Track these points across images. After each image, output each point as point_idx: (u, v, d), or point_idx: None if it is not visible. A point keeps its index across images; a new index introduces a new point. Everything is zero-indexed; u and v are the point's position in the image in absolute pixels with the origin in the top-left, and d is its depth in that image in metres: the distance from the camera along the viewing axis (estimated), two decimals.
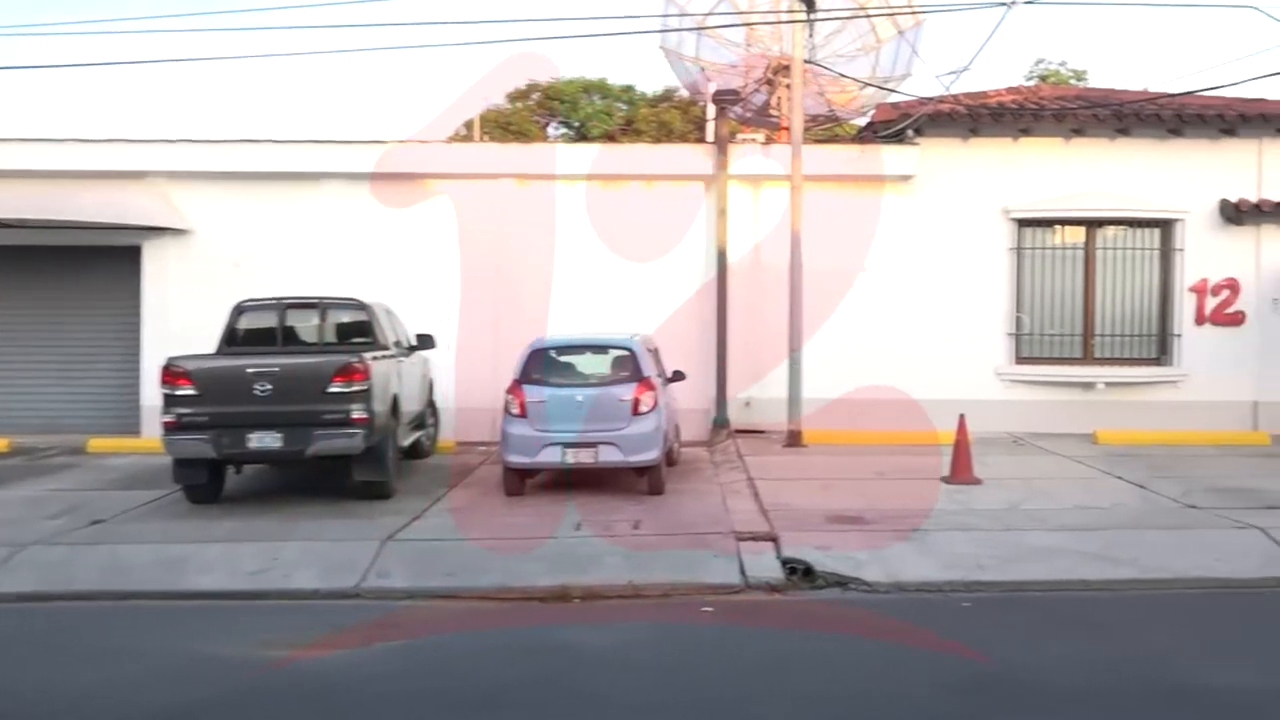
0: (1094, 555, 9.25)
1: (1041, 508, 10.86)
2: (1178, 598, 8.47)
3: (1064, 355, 16.82)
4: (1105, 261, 16.95)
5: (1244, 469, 13.40)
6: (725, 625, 7.92)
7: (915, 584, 8.71)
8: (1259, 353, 16.71)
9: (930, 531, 9.83)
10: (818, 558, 9.15)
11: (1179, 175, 16.69)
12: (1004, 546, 9.46)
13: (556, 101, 36.83)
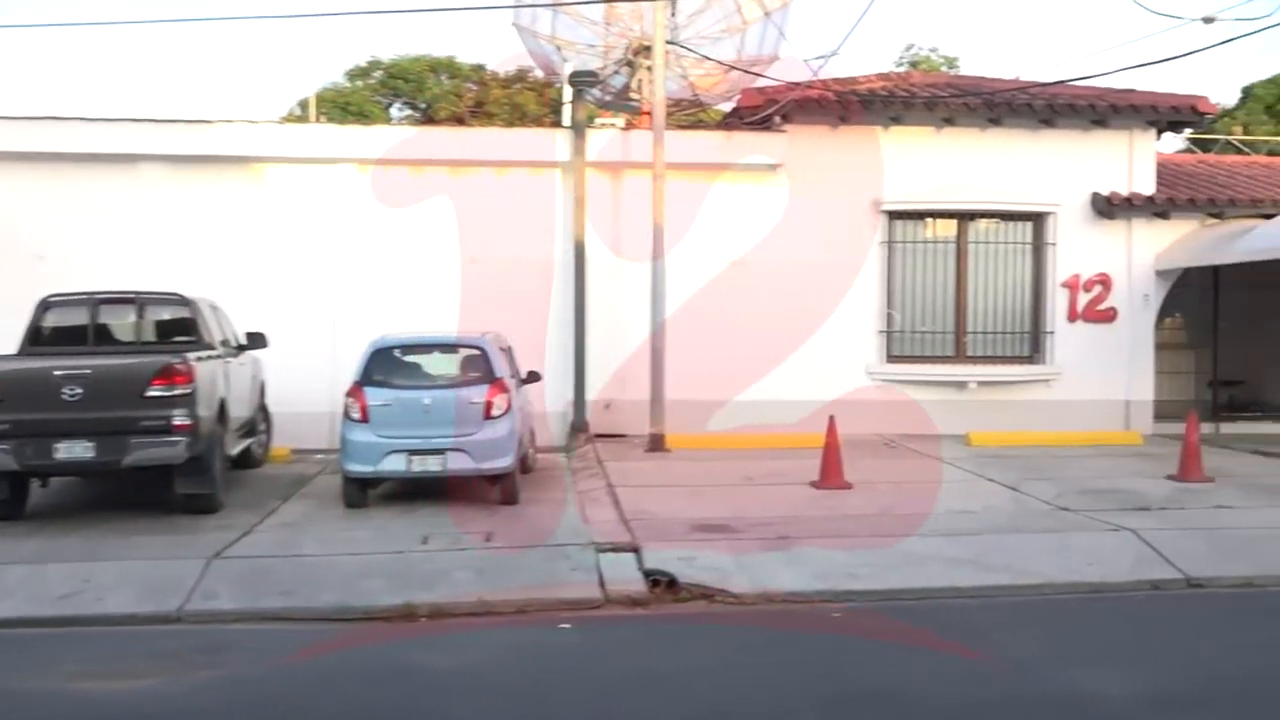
0: (967, 561, 9.52)
1: (913, 512, 11.13)
2: (1050, 603, 8.77)
3: (936, 353, 17.29)
4: (977, 256, 17.47)
5: (1116, 469, 13.94)
6: (584, 642, 7.92)
7: (784, 594, 8.84)
8: (1130, 350, 17.42)
9: (800, 539, 9.99)
10: (682, 569, 9.22)
11: (1051, 167, 17.30)
12: (875, 553, 9.67)
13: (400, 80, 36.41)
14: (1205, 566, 9.55)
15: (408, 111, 36.39)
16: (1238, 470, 14.02)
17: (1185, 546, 9.93)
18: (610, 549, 9.72)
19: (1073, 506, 11.41)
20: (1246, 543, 10.13)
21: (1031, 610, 8.64)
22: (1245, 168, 20.82)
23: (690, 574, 9.14)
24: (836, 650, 7.66)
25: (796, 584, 9.01)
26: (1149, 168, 17.62)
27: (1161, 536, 10.14)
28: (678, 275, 16.18)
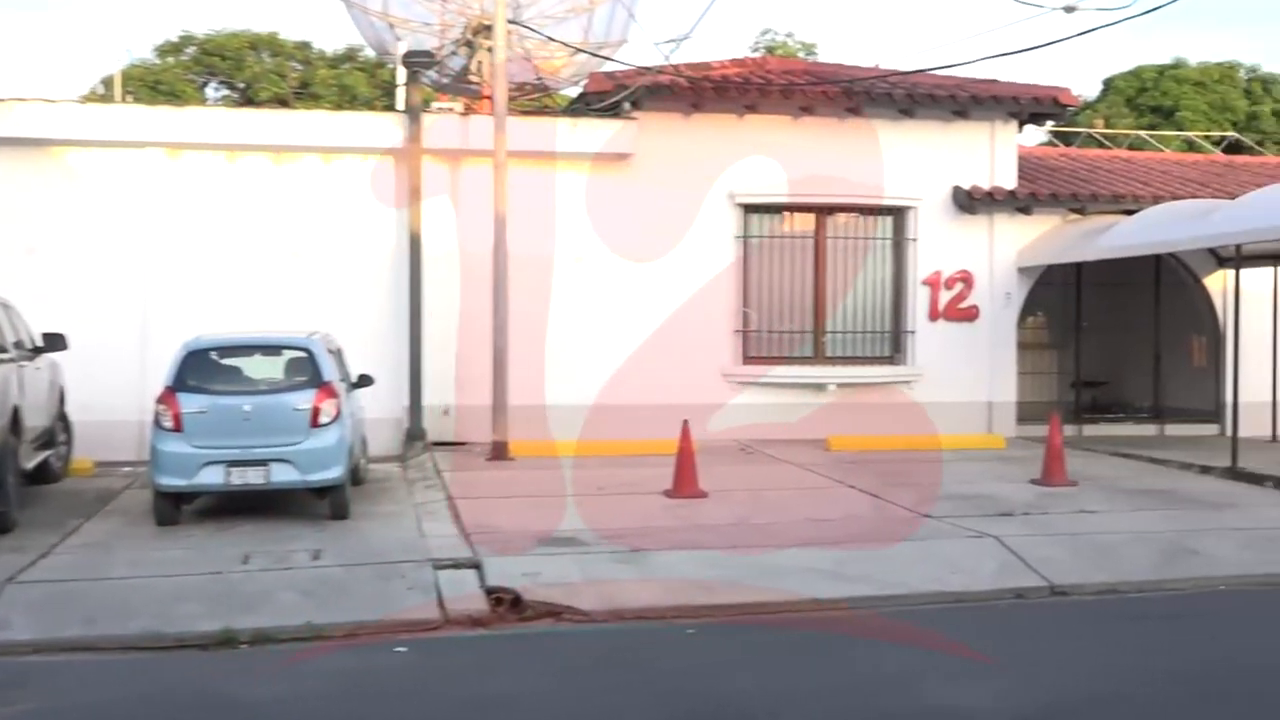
0: (827, 572, 9.68)
1: (771, 521, 11.28)
2: (913, 614, 8.97)
3: (794, 354, 17.57)
4: (836, 252, 17.80)
5: (979, 474, 14.35)
6: (420, 666, 7.84)
7: (635, 610, 8.87)
8: (992, 351, 17.95)
9: (652, 551, 10.04)
10: (527, 585, 9.19)
11: (912, 159, 17.72)
12: (732, 566, 9.77)
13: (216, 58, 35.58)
14: (1069, 573, 9.88)
15: (225, 92, 35.59)
16: (1101, 473, 14.54)
17: (1049, 553, 10.26)
18: (450, 565, 9.64)
19: (935, 513, 11.70)
20: (1109, 548, 10.51)
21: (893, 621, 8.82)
22: (1107, 162, 21.63)
23: (536, 590, 9.12)
24: (686, 670, 7.72)
25: (649, 599, 9.05)
26: (1011, 161, 18.18)
27: (1025, 543, 10.46)
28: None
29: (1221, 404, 18.31)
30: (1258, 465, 14.42)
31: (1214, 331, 18.97)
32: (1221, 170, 21.66)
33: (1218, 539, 10.87)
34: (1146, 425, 19.19)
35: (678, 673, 7.67)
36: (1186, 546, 10.62)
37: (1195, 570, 10.09)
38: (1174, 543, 10.70)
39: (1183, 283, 19.25)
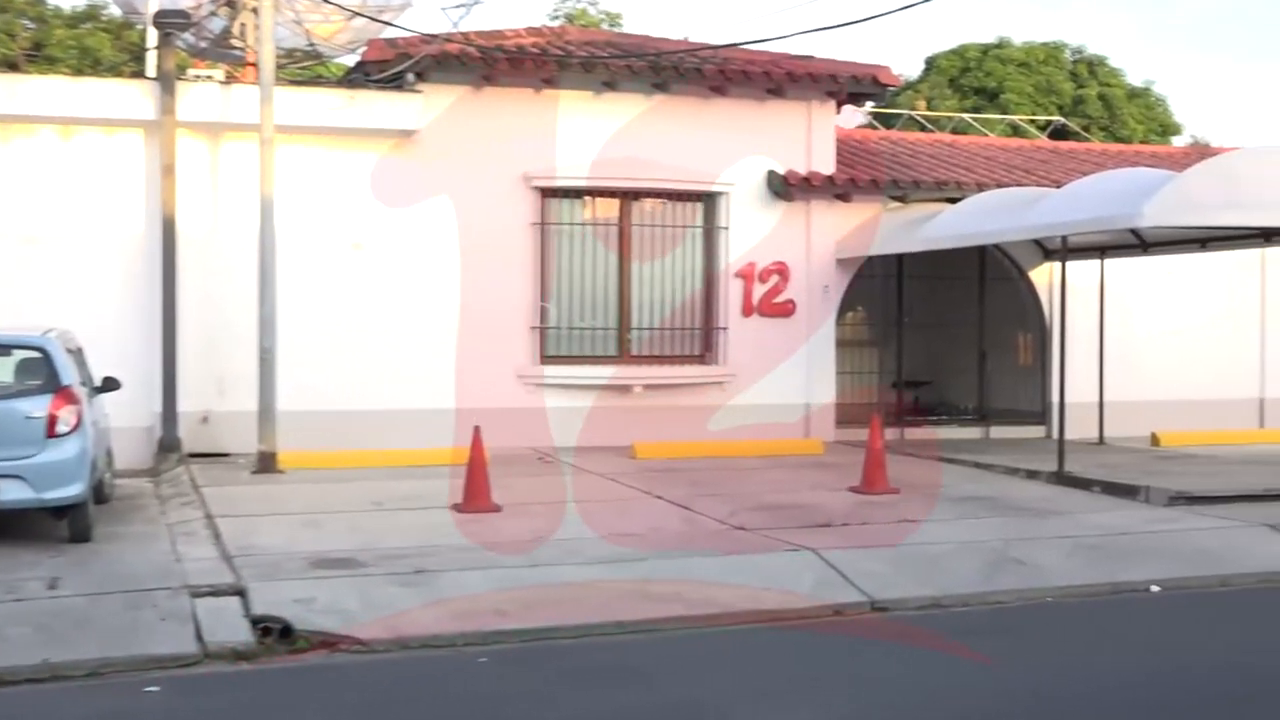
0: (632, 591, 9.75)
1: (572, 537, 11.31)
2: (725, 635, 9.09)
3: (597, 353, 17.66)
4: (643, 240, 17.95)
5: (796, 482, 14.63)
6: (173, 710, 7.64)
7: (421, 638, 8.80)
8: (810, 349, 18.33)
9: (439, 573, 9.97)
10: (298, 613, 9.03)
11: (724, 141, 17.97)
12: (528, 586, 9.76)
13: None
14: (890, 587, 10.14)
15: None
16: (924, 480, 14.97)
17: (869, 566, 10.52)
18: (209, 593, 9.41)
19: (749, 525, 11.89)
20: (933, 560, 10.83)
21: (706, 642, 8.93)
22: (929, 146, 22.29)
23: (308, 619, 8.97)
24: (478, 703, 7.69)
25: (436, 625, 8.98)
26: (829, 144, 18.58)
27: (844, 556, 10.70)
28: (292, 261, 15.87)
29: (1048, 405, 19.05)
30: (1084, 469, 15.04)
31: (1040, 328, 19.71)
32: (1047, 157, 22.51)
33: (1044, 548, 11.29)
34: (971, 428, 19.84)
35: (469, 706, 7.63)
36: (1012, 556, 11.00)
37: (1021, 582, 10.47)
38: (999, 553, 11.08)
39: (1008, 276, 19.95)
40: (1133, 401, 19.08)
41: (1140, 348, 19.71)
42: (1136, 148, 26.38)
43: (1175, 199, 13.86)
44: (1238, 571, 10.90)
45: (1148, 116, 41.19)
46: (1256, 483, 14.34)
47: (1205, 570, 10.90)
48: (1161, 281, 20.04)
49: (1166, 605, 10.15)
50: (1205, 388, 20.05)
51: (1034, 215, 15.88)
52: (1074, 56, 42.42)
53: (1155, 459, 16.86)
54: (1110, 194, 14.94)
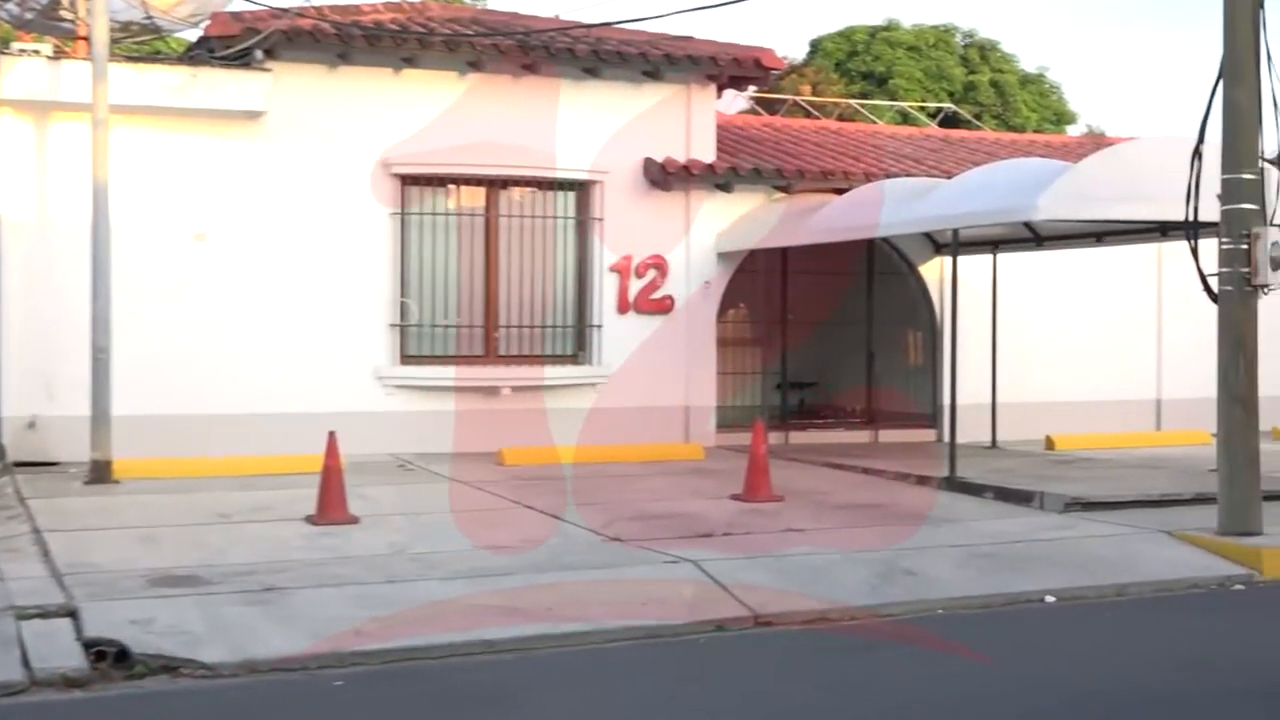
0: (500, 608, 9.70)
1: (435, 550, 11.24)
2: (600, 653, 9.09)
3: (462, 353, 17.60)
4: (511, 232, 17.91)
5: (675, 489, 14.69)
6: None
7: (272, 661, 8.68)
8: (690, 348, 18.42)
9: (291, 590, 9.85)
10: (136, 635, 8.87)
11: (598, 126, 18.00)
12: (388, 604, 9.68)
13: None
14: (774, 600, 10.20)
15: None
16: (810, 486, 15.11)
17: (752, 579, 10.57)
18: (37, 614, 9.20)
19: (625, 536, 11.90)
20: (819, 571, 10.92)
21: (579, 662, 8.92)
22: (814, 133, 22.52)
23: (147, 641, 8.80)
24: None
25: (289, 647, 8.87)
26: (709, 130, 18.70)
27: (726, 568, 10.75)
28: (129, 253, 15.62)
29: (939, 407, 19.33)
30: (977, 474, 15.28)
31: (931, 326, 20.01)
32: (938, 145, 22.87)
33: (935, 557, 11.45)
34: (859, 431, 20.07)
35: None
36: (902, 567, 11.14)
37: (911, 593, 10.59)
38: (889, 563, 11.21)
39: (897, 271, 20.22)
40: (1027, 403, 19.48)
41: (1035, 347, 20.10)
42: (1030, 137, 26.91)
43: (1070, 191, 14.12)
44: (1135, 580, 11.13)
45: (1041, 104, 42.04)
46: (1153, 487, 14.68)
47: (1102, 579, 11.11)
48: (1057, 278, 20.44)
49: (1061, 616, 10.33)
50: (1102, 389, 20.52)
51: (924, 207, 16.10)
52: (965, 41, 43.14)
53: (1050, 463, 17.18)
54: (1003, 185, 15.19)
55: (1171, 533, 12.30)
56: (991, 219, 15.26)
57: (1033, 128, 38.86)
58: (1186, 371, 20.17)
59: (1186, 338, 19.97)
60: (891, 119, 29.35)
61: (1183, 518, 12.88)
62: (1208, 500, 12.84)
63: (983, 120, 37.13)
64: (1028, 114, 40.84)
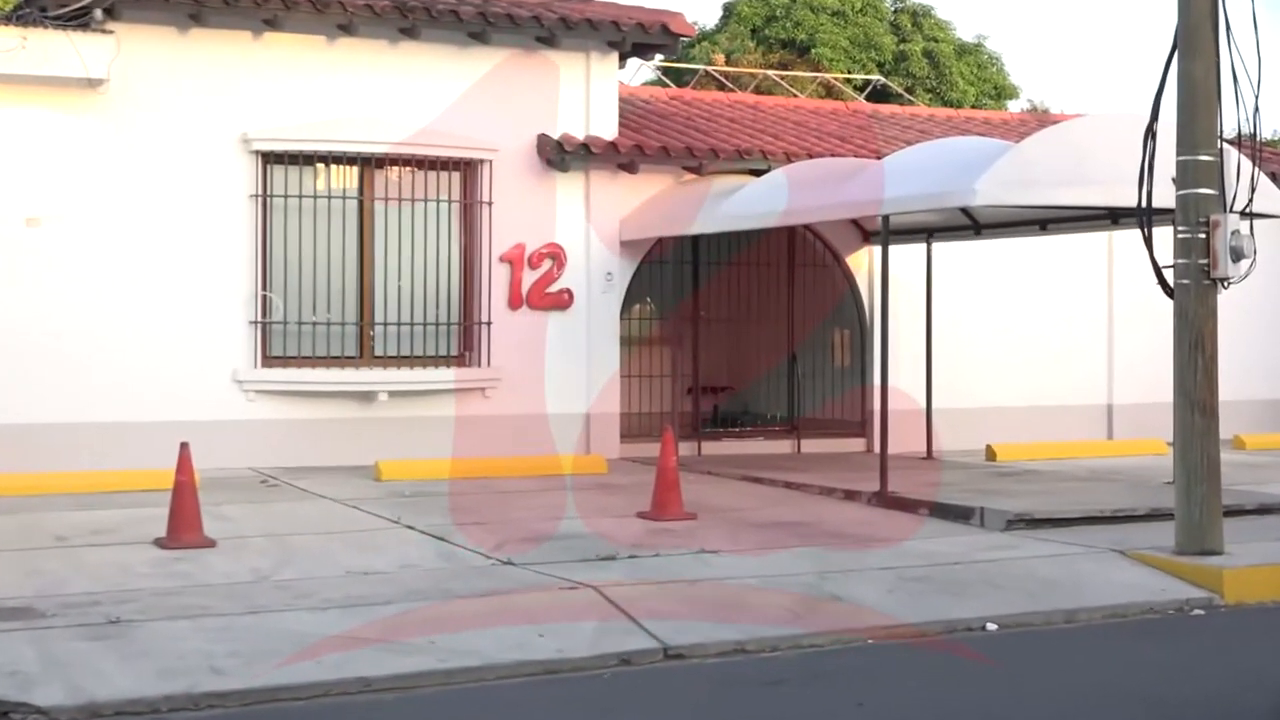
0: (375, 641, 9.66)
1: (303, 577, 11.18)
2: (491, 693, 9.07)
3: (333, 354, 17.50)
4: (389, 217, 17.84)
5: (576, 507, 14.69)
6: None
7: (116, 704, 8.59)
8: (590, 348, 18.45)
9: (139, 623, 9.75)
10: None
11: (486, 99, 17.98)
12: (250, 637, 9.61)
13: None
14: (686, 631, 10.23)
15: None
16: (725, 503, 15.18)
17: (662, 606, 10.60)
18: None
19: (519, 559, 11.90)
20: (736, 598, 10.97)
21: (466, 702, 8.90)
22: (729, 108, 22.61)
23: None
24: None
25: (135, 687, 8.78)
26: (611, 104, 18.75)
27: (632, 594, 10.77)
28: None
29: (869, 413, 19.48)
30: (910, 488, 15.42)
31: (859, 324, 20.18)
32: (865, 122, 23.04)
33: (864, 581, 11.54)
34: (781, 440, 20.20)
35: None
36: (827, 592, 11.22)
37: (838, 621, 10.66)
38: (813, 587, 11.29)
39: (821, 262, 20.37)
40: (966, 409, 19.71)
41: (974, 347, 20.35)
42: (968, 113, 27.18)
43: (1012, 174, 14.29)
44: (1085, 605, 11.26)
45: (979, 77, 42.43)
46: (1104, 501, 14.89)
47: (1048, 604, 11.25)
48: (998, 271, 20.69)
49: (1003, 645, 10.44)
50: (1048, 393, 20.81)
51: (850, 191, 16.21)
52: (896, 6, 43.46)
53: (991, 475, 17.39)
54: (938, 167, 15.34)
55: (1124, 552, 12.46)
56: (925, 204, 15.40)
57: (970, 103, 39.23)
58: (1141, 374, 20.49)
59: (1140, 336, 20.30)
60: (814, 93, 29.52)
61: (1137, 535, 13.06)
62: (1164, 516, 13.00)
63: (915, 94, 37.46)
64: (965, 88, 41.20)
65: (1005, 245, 19.66)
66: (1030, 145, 14.68)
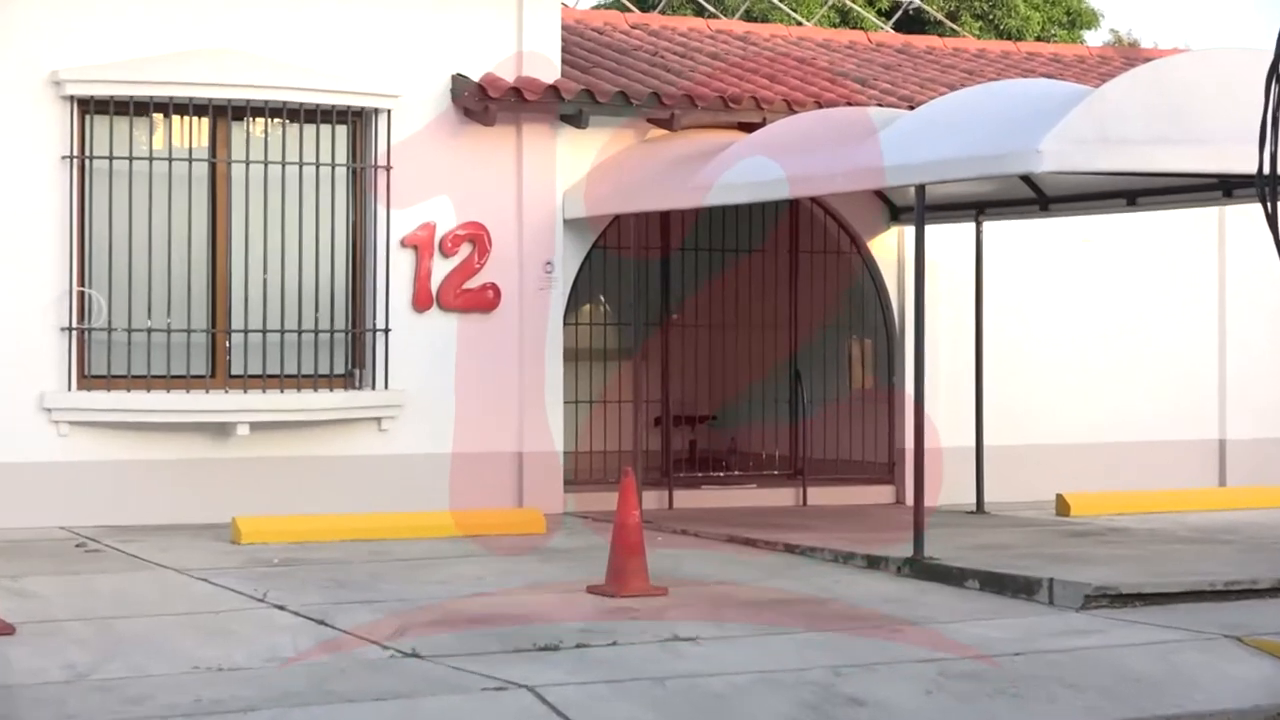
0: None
1: (134, 675, 11.12)
2: None
3: (175, 372, 17.39)
4: (250, 187, 17.77)
5: (505, 578, 14.63)
6: None
7: None
8: (523, 363, 18.38)
9: None
10: None
11: (382, 27, 17.97)
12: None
13: None
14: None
15: None
16: (705, 572, 15.14)
17: (620, 713, 10.59)
18: None
19: (427, 650, 11.86)
20: (721, 702, 10.94)
21: None
22: (710, 39, 22.61)
23: None
24: None
25: None
26: (551, 34, 18.72)
27: (579, 696, 10.74)
28: None
29: (898, 451, 19.46)
30: (954, 553, 15.39)
31: (886, 331, 20.14)
32: (894, 59, 23.06)
33: (893, 679, 11.52)
34: (780, 489, 20.15)
35: None
36: (844, 694, 11.19)
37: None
38: (824, 687, 11.26)
39: (835, 248, 20.34)
40: (1029, 446, 19.72)
41: (1040, 362, 20.34)
42: (1030, 47, 27.22)
43: (1090, 128, 14.27)
44: (1191, 710, 11.26)
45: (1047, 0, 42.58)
46: (1215, 571, 14.86)
47: (1142, 709, 11.23)
48: (1072, 259, 20.69)
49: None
50: (1137, 424, 20.79)
51: (873, 152, 16.15)
52: None
53: (1063, 535, 17.37)
54: (990, 120, 15.35)
55: (1243, 639, 12.46)
56: (972, 169, 15.36)
57: (1034, 34, 39.31)
58: (1264, 398, 20.54)
59: (1263, 348, 20.35)
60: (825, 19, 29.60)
61: (1260, 616, 13.08)
62: None
63: (961, 22, 37.52)
64: (1027, 13, 41.25)
65: (1080, 224, 19.69)
66: (1114, 91, 14.66)
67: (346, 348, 18.16)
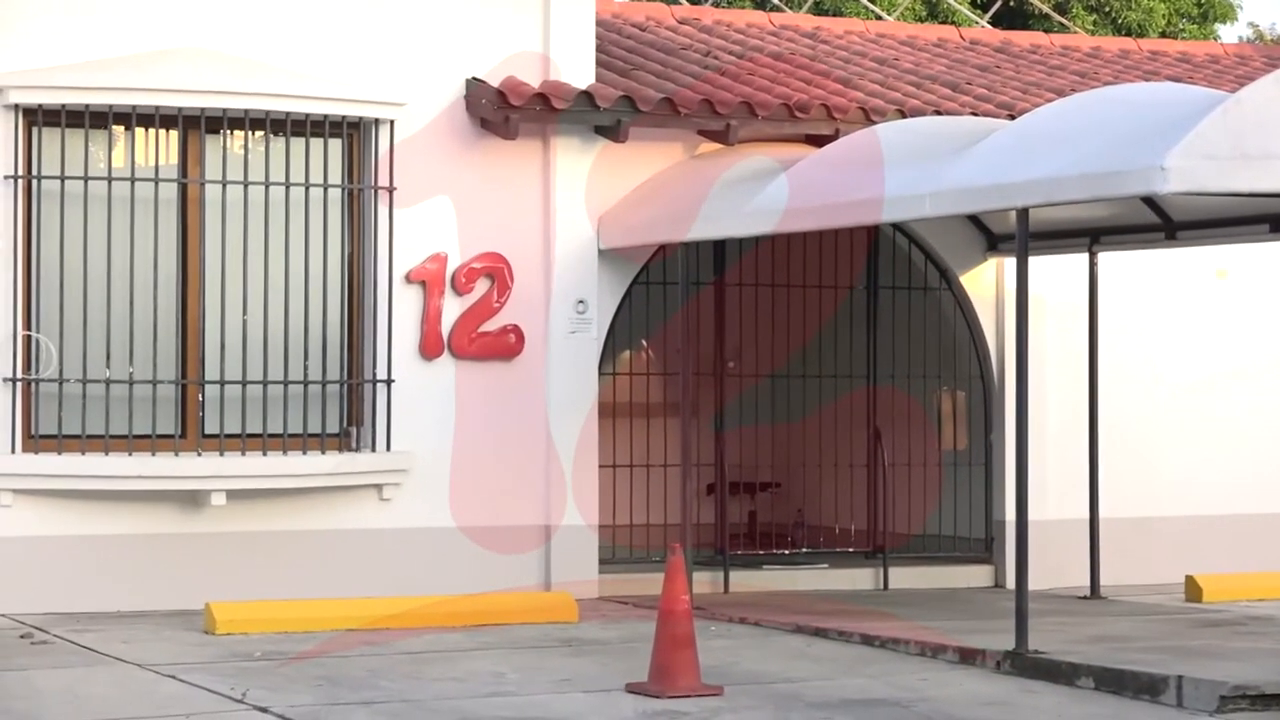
0: None
1: None
2: None
3: (139, 431, 17.42)
4: (228, 213, 17.82)
5: (530, 676, 14.64)
6: None
7: None
8: (550, 420, 18.39)
9: None
10: None
11: (386, 25, 18.02)
12: None
13: None
14: None
15: None
16: (768, 669, 15.13)
17: None
18: None
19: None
20: None
21: None
22: (773, 37, 22.66)
23: None
24: None
25: None
26: (584, 30, 18.75)
27: None
28: None
29: (998, 525, 19.44)
30: (1065, 645, 15.36)
31: (983, 380, 20.12)
32: (990, 59, 23.08)
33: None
34: (857, 569, 20.13)
35: None
36: None
37: None
38: None
39: (920, 284, 20.33)
40: (1154, 519, 19.68)
41: (1166, 418, 20.27)
42: (1154, 44, 27.25)
43: (1224, 141, 14.25)
44: None
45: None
46: None
47: None
48: (1204, 295, 20.65)
49: None
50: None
51: (966, 170, 16.17)
52: None
53: (1194, 625, 17.33)
54: (1106, 130, 15.35)
55: None
56: (1084, 190, 15.33)
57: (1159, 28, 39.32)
58: None
59: None
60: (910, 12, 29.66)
61: None
62: None
63: (1071, 16, 37.53)
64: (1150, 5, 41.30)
65: (1215, 255, 19.66)
66: (1254, 96, 14.64)
67: (341, 402, 18.19)
